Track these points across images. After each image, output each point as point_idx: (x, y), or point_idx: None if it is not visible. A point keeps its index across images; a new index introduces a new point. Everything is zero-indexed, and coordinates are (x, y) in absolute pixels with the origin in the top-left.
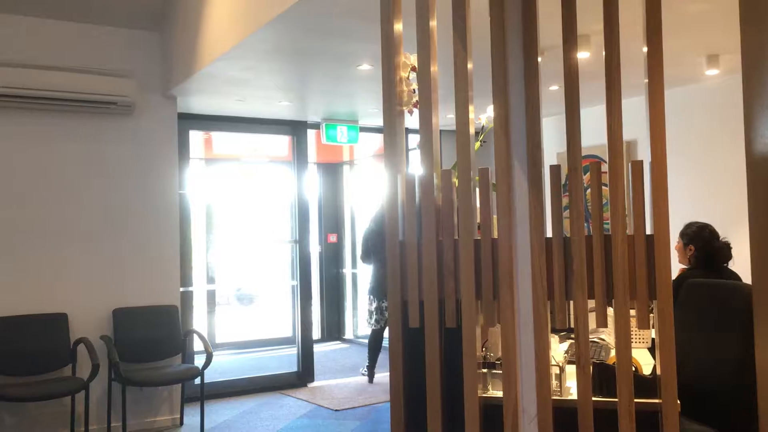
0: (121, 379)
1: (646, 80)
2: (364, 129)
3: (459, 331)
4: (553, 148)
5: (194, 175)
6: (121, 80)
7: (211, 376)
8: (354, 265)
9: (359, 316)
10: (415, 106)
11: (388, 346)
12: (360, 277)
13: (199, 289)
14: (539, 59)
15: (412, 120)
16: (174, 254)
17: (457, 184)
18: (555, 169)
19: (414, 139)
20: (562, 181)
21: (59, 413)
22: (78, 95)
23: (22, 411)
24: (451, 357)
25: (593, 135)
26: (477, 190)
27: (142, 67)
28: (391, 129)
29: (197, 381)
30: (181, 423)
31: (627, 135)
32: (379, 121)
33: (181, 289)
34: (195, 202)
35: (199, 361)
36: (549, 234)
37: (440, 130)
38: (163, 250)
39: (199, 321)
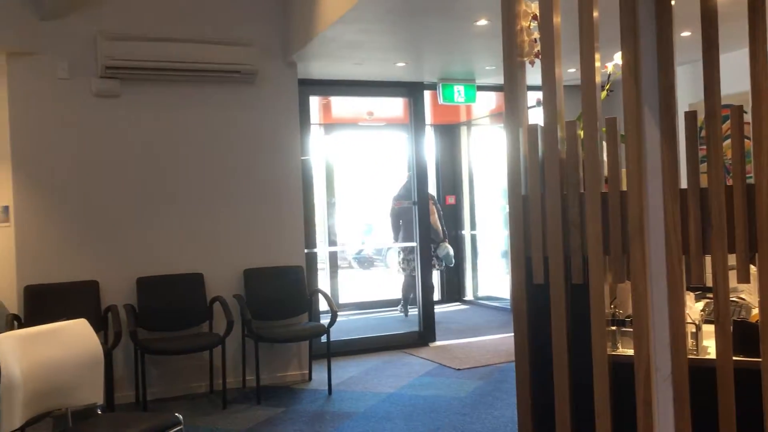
0: (253, 335)
1: None
2: (481, 88)
3: (586, 288)
4: (684, 99)
5: (313, 140)
6: (244, 49)
7: (335, 335)
8: (473, 226)
9: (479, 278)
10: (536, 56)
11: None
12: (480, 238)
13: (321, 251)
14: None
15: (530, 77)
16: (298, 218)
17: (582, 136)
18: (690, 116)
19: (532, 97)
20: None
21: (198, 366)
22: (204, 65)
23: (166, 363)
24: (578, 314)
25: (726, 85)
26: (603, 141)
27: (263, 36)
28: (512, 81)
29: (324, 338)
30: (310, 378)
31: None
32: (496, 79)
33: (306, 251)
34: (314, 167)
35: (324, 320)
36: (683, 185)
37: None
38: (288, 214)
39: (322, 282)
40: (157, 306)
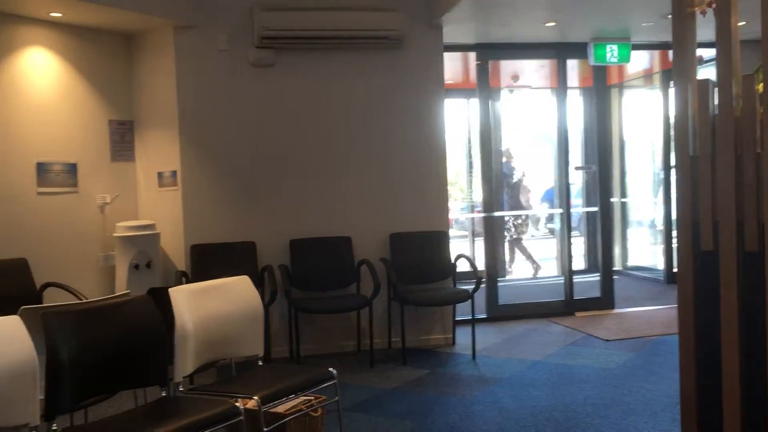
0: (399, 298)
1: None
2: (636, 46)
3: (761, 256)
4: None
5: (454, 105)
6: (391, 14)
7: (478, 301)
8: (624, 194)
9: (629, 247)
10: (709, 5)
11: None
12: (631, 206)
13: (464, 217)
14: None
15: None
16: (442, 183)
17: (761, 91)
18: None
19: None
20: None
21: (346, 327)
22: (353, 32)
23: (316, 322)
24: (752, 284)
25: None
26: None
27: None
28: (681, 33)
29: (467, 304)
30: (454, 342)
31: None
32: (653, 37)
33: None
34: (458, 132)
35: (468, 286)
36: None
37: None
38: (433, 179)
39: (465, 248)
40: (309, 267)
